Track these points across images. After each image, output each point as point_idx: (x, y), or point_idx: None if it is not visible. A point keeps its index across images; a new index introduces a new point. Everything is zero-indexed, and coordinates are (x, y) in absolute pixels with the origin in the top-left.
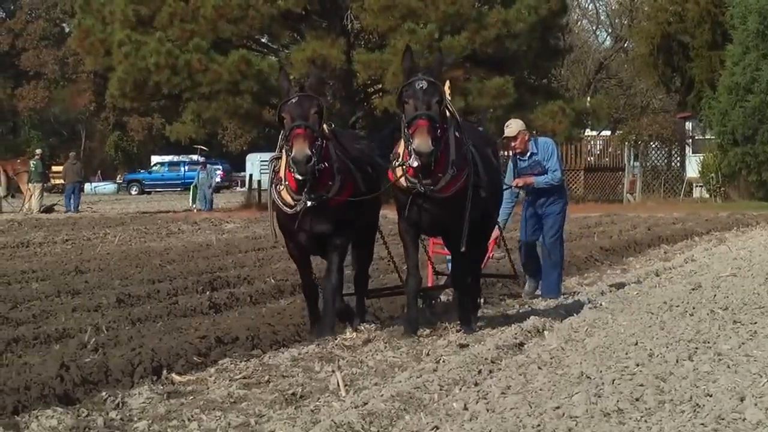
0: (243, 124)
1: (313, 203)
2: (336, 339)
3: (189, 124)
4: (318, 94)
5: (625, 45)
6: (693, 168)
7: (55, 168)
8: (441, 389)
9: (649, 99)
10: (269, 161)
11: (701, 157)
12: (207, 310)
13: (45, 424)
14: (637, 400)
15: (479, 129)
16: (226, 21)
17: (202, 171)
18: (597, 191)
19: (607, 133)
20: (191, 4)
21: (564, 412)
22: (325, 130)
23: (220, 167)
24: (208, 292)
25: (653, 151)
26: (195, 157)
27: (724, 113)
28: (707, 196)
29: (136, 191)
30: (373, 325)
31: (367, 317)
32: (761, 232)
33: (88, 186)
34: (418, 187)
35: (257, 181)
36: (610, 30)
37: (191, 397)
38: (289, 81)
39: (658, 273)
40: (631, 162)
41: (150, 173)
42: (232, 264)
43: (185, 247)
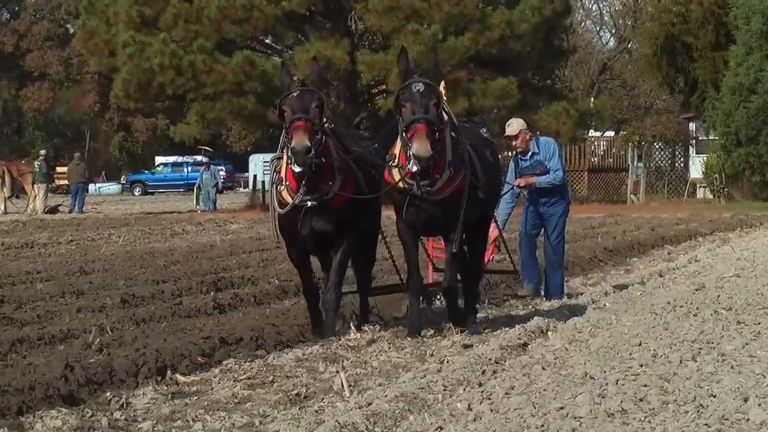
0: (247, 124)
1: (313, 203)
2: (340, 340)
3: (193, 124)
4: (319, 89)
5: (629, 46)
6: (696, 169)
7: (60, 169)
8: (445, 390)
9: (653, 100)
10: (270, 161)
11: (705, 158)
12: (211, 310)
13: (49, 425)
14: (640, 400)
15: (478, 130)
16: (231, 22)
17: (206, 172)
18: (601, 192)
19: (611, 133)
20: (195, 5)
21: (568, 412)
22: (325, 126)
23: (222, 168)
24: (212, 293)
25: (657, 152)
26: (199, 158)
27: (728, 114)
28: (711, 196)
29: (139, 192)
30: (377, 325)
31: (371, 317)
32: (765, 233)
33: (92, 187)
34: (414, 190)
35: (261, 182)
36: (613, 31)
37: (195, 397)
38: (291, 76)
39: (661, 273)
40: (635, 163)
41: (153, 174)
42: (237, 265)
43: (189, 247)
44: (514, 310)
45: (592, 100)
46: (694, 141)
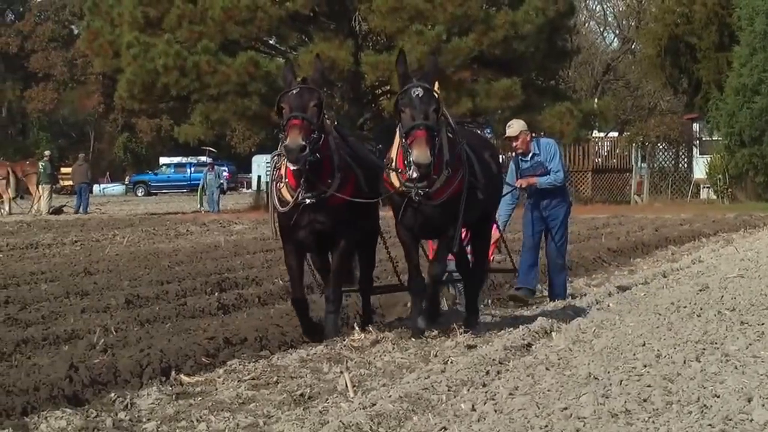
0: (251, 125)
1: (312, 200)
2: (344, 340)
3: (197, 125)
4: (320, 87)
5: (633, 46)
6: (700, 169)
7: (64, 169)
8: (449, 390)
9: (657, 100)
10: (271, 158)
11: (708, 159)
12: (215, 311)
13: (54, 425)
14: (644, 400)
15: (478, 131)
16: (235, 23)
17: (210, 172)
18: (604, 192)
19: (615, 134)
20: (200, 6)
21: (572, 412)
22: (327, 123)
23: (225, 169)
24: (216, 294)
25: (660, 153)
26: (203, 159)
27: (732, 114)
28: (714, 197)
29: (143, 192)
30: (380, 326)
31: (374, 318)
32: None
33: (96, 187)
34: (412, 195)
35: (265, 182)
36: (617, 31)
37: (200, 397)
38: (294, 74)
39: (665, 274)
40: (639, 163)
41: (156, 175)
42: (241, 265)
43: (194, 248)
44: (517, 311)
45: (596, 100)
46: (698, 142)
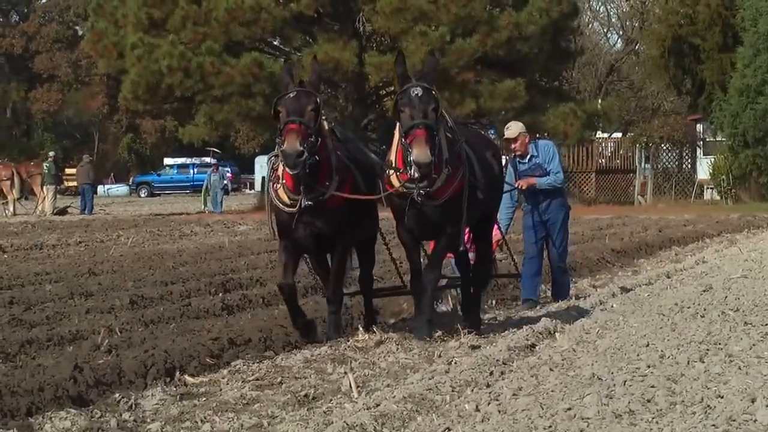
0: (255, 126)
1: (309, 203)
2: (348, 341)
3: (201, 126)
4: (317, 90)
5: (636, 47)
6: (704, 170)
7: (69, 170)
8: (453, 390)
9: (660, 101)
10: (268, 159)
11: (712, 159)
12: (220, 311)
13: (58, 426)
14: (648, 401)
15: (481, 132)
16: (239, 24)
17: (214, 173)
18: (608, 193)
19: (619, 135)
20: (204, 7)
21: (575, 413)
22: (324, 126)
23: (228, 169)
24: (220, 294)
25: (664, 153)
26: (207, 160)
27: (735, 115)
28: (718, 198)
29: (145, 193)
30: (384, 326)
31: (378, 318)
32: None
33: (101, 188)
34: (414, 195)
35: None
36: (621, 32)
37: (204, 398)
38: (292, 76)
39: (669, 275)
40: (642, 164)
41: (159, 175)
42: (245, 266)
43: (198, 249)
44: (521, 311)
45: (600, 101)
46: (702, 142)
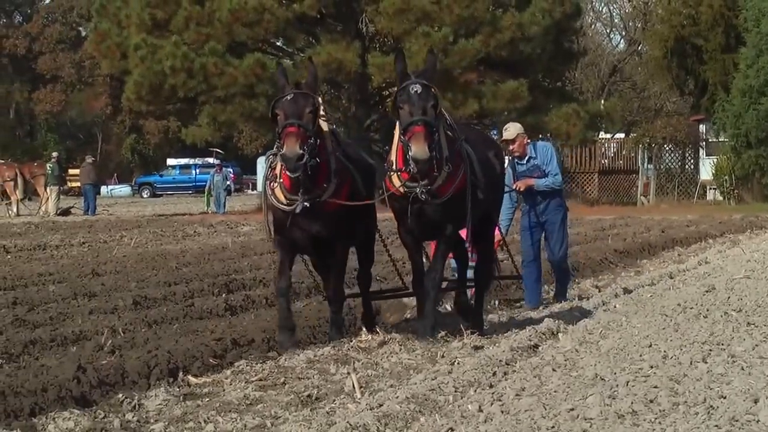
0: (258, 127)
1: (305, 204)
2: (351, 341)
3: (205, 127)
4: (314, 91)
5: (639, 48)
6: (706, 170)
7: (72, 171)
8: (456, 391)
9: (663, 102)
10: (266, 157)
11: (715, 160)
12: (223, 312)
13: (62, 426)
14: (651, 401)
15: (484, 132)
16: (242, 24)
17: (217, 174)
18: (611, 194)
19: (621, 135)
20: (207, 8)
21: (578, 413)
22: (323, 128)
23: (230, 170)
24: (224, 295)
25: (667, 154)
26: (210, 160)
27: (738, 116)
28: (721, 198)
29: (148, 194)
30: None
31: (377, 318)
32: None
33: (104, 189)
34: (417, 192)
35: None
36: (623, 33)
37: (207, 398)
38: (286, 77)
39: (671, 275)
40: (645, 165)
41: (161, 176)
42: (248, 266)
43: (201, 249)
44: (524, 312)
45: (603, 102)
46: (704, 143)
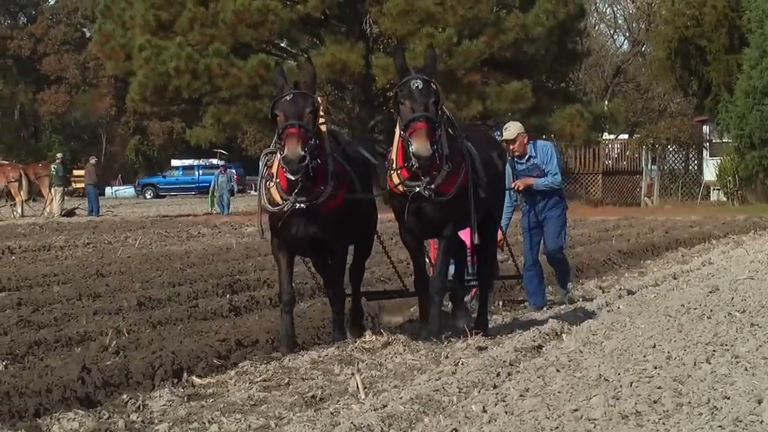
0: (262, 128)
1: (300, 206)
2: (355, 342)
3: (209, 128)
4: (312, 92)
5: (643, 49)
6: (710, 171)
7: (76, 172)
8: (460, 392)
9: (667, 103)
10: (262, 155)
11: (718, 161)
12: (227, 313)
13: (66, 427)
14: (655, 402)
15: (487, 132)
16: (246, 25)
17: (221, 175)
18: (615, 194)
19: (625, 136)
20: (211, 9)
21: (582, 414)
22: (322, 129)
23: (233, 171)
24: (228, 295)
25: (671, 155)
26: (214, 161)
27: (742, 117)
28: (724, 199)
29: (151, 195)
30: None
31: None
32: None
33: (108, 190)
34: (418, 190)
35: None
36: (627, 34)
37: (211, 399)
38: (285, 77)
39: (675, 276)
40: (649, 165)
41: (165, 177)
42: (252, 267)
43: (205, 250)
44: (528, 313)
45: (606, 103)
46: (708, 144)
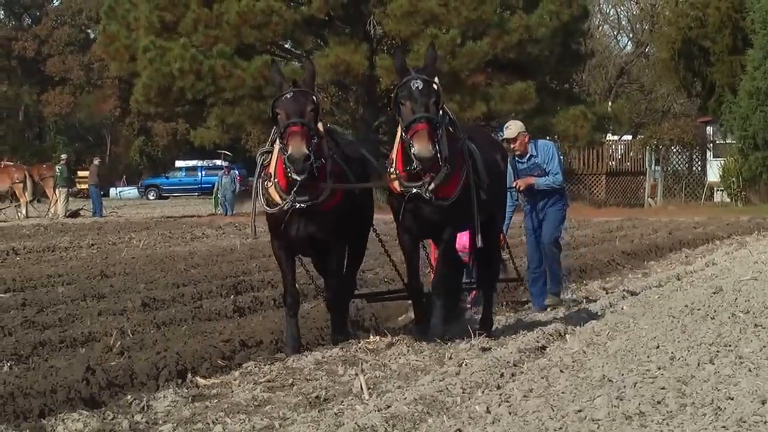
0: (266, 129)
1: (300, 205)
2: (359, 342)
3: (213, 129)
4: (312, 89)
5: (647, 50)
6: (714, 172)
7: (81, 173)
8: (464, 392)
9: (670, 103)
10: (258, 155)
11: (722, 162)
12: (231, 313)
13: (71, 428)
14: (658, 403)
15: (490, 134)
16: (250, 27)
17: (225, 176)
18: (618, 195)
19: (629, 137)
20: (215, 11)
21: (586, 415)
22: (320, 128)
23: (236, 172)
24: (232, 296)
25: (674, 156)
26: (218, 162)
27: (745, 118)
28: (728, 200)
29: (154, 196)
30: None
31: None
32: None
33: (113, 190)
34: (418, 191)
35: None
36: (631, 35)
37: (216, 400)
38: (282, 75)
39: (679, 277)
40: (653, 166)
41: (167, 178)
42: (257, 268)
43: (210, 251)
44: (531, 314)
45: (610, 104)
46: (712, 145)
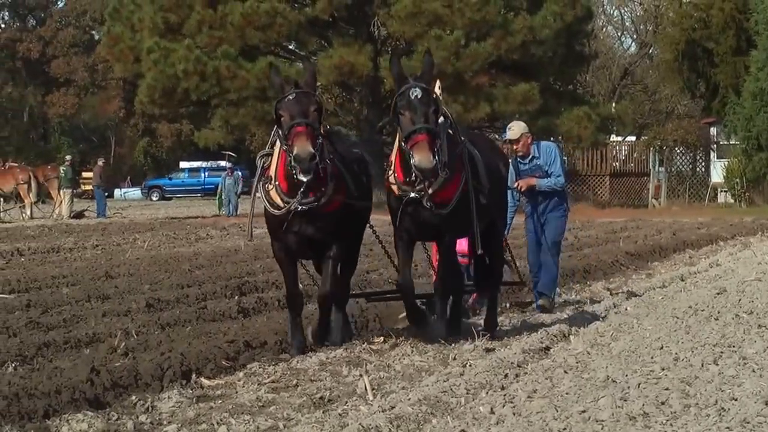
0: (270, 130)
1: (303, 207)
2: (363, 343)
3: (217, 130)
4: (313, 90)
5: (650, 51)
6: (718, 173)
7: (85, 174)
8: (468, 393)
9: (674, 104)
10: (258, 157)
11: (726, 163)
12: (236, 314)
13: (75, 428)
14: (662, 403)
15: (491, 139)
16: (254, 28)
17: (229, 177)
18: (622, 196)
19: (632, 138)
20: (219, 12)
21: (590, 415)
22: (321, 129)
23: (240, 173)
24: (236, 297)
25: (678, 157)
26: (222, 163)
27: (749, 118)
28: (732, 201)
29: (157, 197)
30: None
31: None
32: None
33: (117, 191)
34: (416, 195)
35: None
36: (635, 36)
37: (220, 401)
38: (281, 77)
39: (683, 278)
40: (656, 167)
41: (171, 179)
42: (261, 269)
43: (214, 252)
44: (535, 315)
45: (614, 105)
46: (715, 145)
